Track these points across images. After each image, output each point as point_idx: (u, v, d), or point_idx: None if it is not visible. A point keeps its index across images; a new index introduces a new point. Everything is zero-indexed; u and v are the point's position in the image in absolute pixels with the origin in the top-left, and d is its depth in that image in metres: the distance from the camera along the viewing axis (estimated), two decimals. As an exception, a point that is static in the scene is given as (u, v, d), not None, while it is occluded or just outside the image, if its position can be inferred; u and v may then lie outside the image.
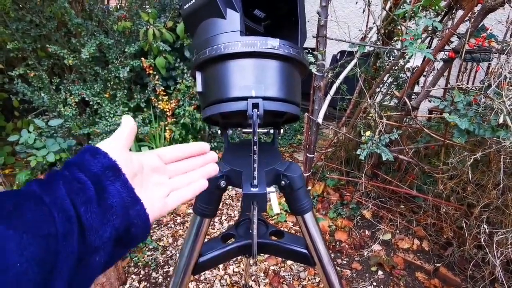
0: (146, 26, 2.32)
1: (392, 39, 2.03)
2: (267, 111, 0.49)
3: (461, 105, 1.17)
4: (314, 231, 0.62)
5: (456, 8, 1.51)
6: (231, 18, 0.51)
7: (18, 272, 0.20)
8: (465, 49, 1.21)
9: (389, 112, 1.80)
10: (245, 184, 0.52)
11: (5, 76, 2.38)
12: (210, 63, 0.53)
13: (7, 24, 2.06)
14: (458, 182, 1.40)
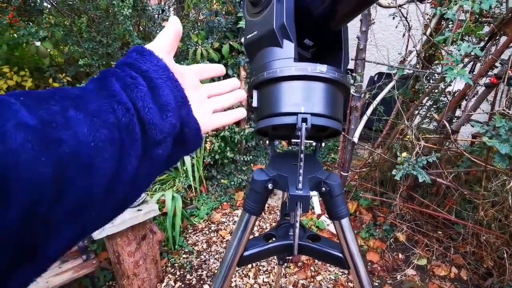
0: (195, 46, 2.54)
1: (432, 63, 2.04)
2: (313, 125, 0.58)
3: (503, 130, 1.17)
4: (350, 236, 0.68)
5: (499, 34, 1.51)
6: (287, 47, 0.62)
7: (92, 151, 0.22)
8: (507, 75, 1.22)
9: (427, 135, 1.79)
10: (291, 187, 0.61)
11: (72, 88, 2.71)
12: (266, 83, 0.63)
13: (80, 44, 2.38)
14: (500, 209, 1.36)
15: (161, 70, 0.29)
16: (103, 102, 0.24)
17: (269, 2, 0.63)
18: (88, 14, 2.47)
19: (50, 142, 0.19)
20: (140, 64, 0.28)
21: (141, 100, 0.26)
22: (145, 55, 0.29)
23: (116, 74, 0.27)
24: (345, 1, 0.60)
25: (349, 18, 0.69)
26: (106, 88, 0.25)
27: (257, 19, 0.65)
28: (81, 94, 0.24)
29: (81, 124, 0.22)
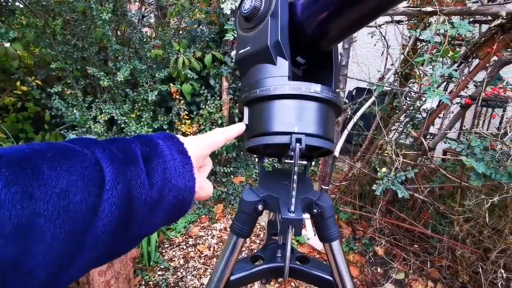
0: (177, 54, 2.49)
1: (408, 81, 2.13)
2: (306, 146, 0.56)
3: (478, 150, 1.22)
4: (340, 259, 0.66)
5: (472, 57, 1.60)
6: (281, 65, 0.60)
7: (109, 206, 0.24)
8: (481, 97, 1.28)
9: (405, 151, 1.85)
10: (283, 209, 0.58)
11: (43, 92, 2.56)
12: (259, 101, 0.61)
13: (53, 46, 2.26)
14: (474, 225, 1.41)
15: (183, 191, 0.31)
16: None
17: (263, 18, 0.61)
18: (64, 16, 2.36)
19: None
20: (172, 177, 0.30)
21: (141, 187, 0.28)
22: (185, 169, 0.31)
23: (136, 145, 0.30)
24: (338, 22, 0.59)
25: (341, 38, 0.69)
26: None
27: (250, 34, 0.64)
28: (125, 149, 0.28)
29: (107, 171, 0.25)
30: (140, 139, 0.31)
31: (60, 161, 0.23)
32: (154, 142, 0.31)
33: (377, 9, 0.53)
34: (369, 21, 0.59)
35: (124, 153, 0.27)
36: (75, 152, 0.24)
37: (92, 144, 0.26)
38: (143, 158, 0.28)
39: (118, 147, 0.27)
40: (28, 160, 0.21)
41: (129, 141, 0.29)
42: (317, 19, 0.61)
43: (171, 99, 2.70)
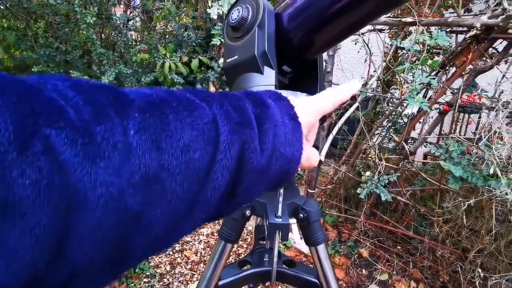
0: (163, 59, 2.48)
1: (390, 87, 2.20)
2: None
3: (455, 154, 1.28)
4: (326, 262, 0.68)
5: (449, 65, 1.68)
6: (268, 74, 0.62)
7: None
8: (458, 104, 1.34)
9: (388, 155, 1.90)
10: (270, 214, 0.60)
11: (23, 95, 2.49)
12: (246, 109, 0.63)
13: (35, 49, 2.21)
14: (453, 226, 1.47)
15: (289, 161, 0.28)
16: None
17: (251, 28, 0.63)
18: (46, 18, 2.32)
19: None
20: (281, 144, 0.27)
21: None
22: (295, 137, 0.28)
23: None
24: (323, 33, 0.62)
25: (326, 48, 0.71)
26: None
27: (238, 43, 0.65)
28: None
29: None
30: (250, 97, 0.28)
31: (184, 113, 0.22)
32: (265, 102, 0.28)
33: (361, 20, 0.56)
34: (354, 31, 0.62)
35: (239, 113, 0.25)
36: (196, 105, 0.23)
37: (209, 98, 0.25)
38: (256, 120, 0.26)
39: (233, 104, 0.26)
40: (157, 107, 0.21)
41: (241, 99, 0.27)
42: (303, 30, 0.63)
43: (157, 104, 2.68)
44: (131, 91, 0.21)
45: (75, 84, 0.18)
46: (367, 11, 0.51)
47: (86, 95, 0.18)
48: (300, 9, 0.63)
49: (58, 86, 0.17)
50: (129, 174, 0.18)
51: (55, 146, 0.15)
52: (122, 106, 0.19)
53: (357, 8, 0.51)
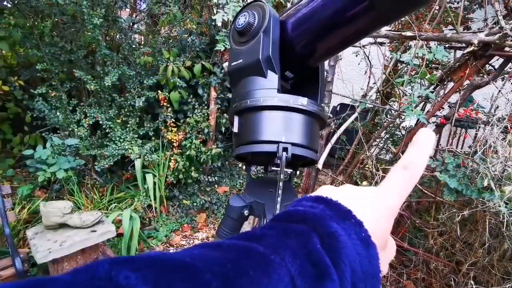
0: (166, 62, 2.51)
1: (389, 99, 2.23)
2: (292, 155, 0.60)
3: (451, 166, 1.30)
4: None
5: (447, 80, 1.71)
6: (271, 78, 0.64)
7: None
8: (455, 117, 1.37)
9: (385, 165, 1.92)
10: (268, 215, 0.61)
11: (25, 93, 2.51)
12: (249, 111, 0.64)
13: (40, 47, 2.23)
14: (448, 239, 1.48)
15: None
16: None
17: (256, 33, 0.65)
18: (53, 18, 2.35)
19: None
20: (359, 279, 0.23)
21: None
22: (371, 264, 0.23)
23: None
24: (325, 42, 0.64)
25: (328, 56, 0.74)
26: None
27: (243, 48, 0.67)
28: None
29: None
30: (316, 227, 0.24)
31: (262, 279, 0.20)
32: (332, 231, 0.24)
33: (361, 32, 0.58)
34: (354, 41, 0.64)
35: (313, 262, 0.22)
36: (271, 262, 0.21)
37: (279, 246, 0.22)
38: (332, 262, 0.23)
39: (304, 250, 0.23)
40: (235, 284, 0.19)
41: (309, 235, 0.23)
42: (305, 38, 0.66)
43: (158, 106, 2.70)
44: (201, 259, 0.20)
45: (149, 274, 0.17)
46: (366, 23, 0.53)
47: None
48: (303, 18, 0.65)
49: (131, 279, 0.17)
50: None
51: None
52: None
53: (356, 20, 0.53)
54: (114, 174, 2.77)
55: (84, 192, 2.40)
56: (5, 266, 1.53)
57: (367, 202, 0.27)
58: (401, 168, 0.27)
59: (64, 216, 1.50)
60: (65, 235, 1.44)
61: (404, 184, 0.27)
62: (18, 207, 2.03)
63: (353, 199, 0.27)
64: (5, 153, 2.88)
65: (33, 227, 1.60)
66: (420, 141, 0.28)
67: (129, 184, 2.72)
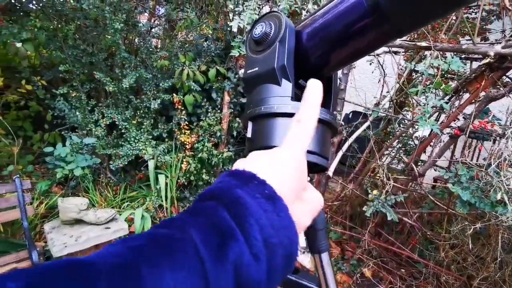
0: (182, 66, 2.57)
1: (402, 109, 2.22)
2: (304, 161, 0.62)
3: (464, 178, 1.28)
4: (328, 270, 0.70)
5: (463, 91, 1.70)
6: (285, 86, 0.66)
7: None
8: (469, 129, 1.36)
9: (396, 175, 1.91)
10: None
11: (47, 92, 2.61)
12: (262, 117, 0.67)
13: (63, 49, 2.33)
14: (459, 252, 1.46)
15: (287, 246, 0.25)
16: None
17: (272, 43, 0.68)
18: (76, 22, 2.45)
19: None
20: (271, 235, 0.24)
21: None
22: (281, 217, 0.25)
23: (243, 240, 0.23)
24: (340, 52, 0.66)
25: (342, 66, 0.76)
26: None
27: (259, 56, 0.70)
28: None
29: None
30: (222, 199, 0.25)
31: (159, 258, 0.20)
32: (236, 196, 0.25)
33: (375, 43, 0.60)
34: (368, 52, 0.66)
35: (218, 231, 0.23)
36: (174, 240, 0.22)
37: (185, 226, 0.23)
38: (237, 225, 0.24)
39: (210, 222, 0.24)
40: (127, 267, 0.20)
41: (215, 208, 0.25)
42: (320, 48, 0.68)
43: (172, 109, 2.76)
44: (99, 256, 0.20)
45: (28, 284, 0.17)
46: (380, 35, 0.55)
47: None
48: (318, 29, 0.67)
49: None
50: None
51: None
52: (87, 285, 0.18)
53: (370, 33, 0.55)
54: (127, 173, 2.84)
55: (99, 190, 2.46)
56: (22, 259, 1.59)
57: (271, 161, 0.28)
58: (295, 122, 0.31)
59: (80, 212, 1.55)
60: (80, 231, 1.49)
61: (300, 135, 0.31)
62: (36, 202, 2.11)
63: (259, 163, 0.28)
64: (25, 149, 2.99)
65: (51, 222, 1.66)
66: (306, 97, 0.32)
67: (141, 184, 2.78)
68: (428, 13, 0.49)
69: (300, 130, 0.31)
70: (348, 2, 0.60)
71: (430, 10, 0.49)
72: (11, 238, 1.94)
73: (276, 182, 0.26)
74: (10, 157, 2.59)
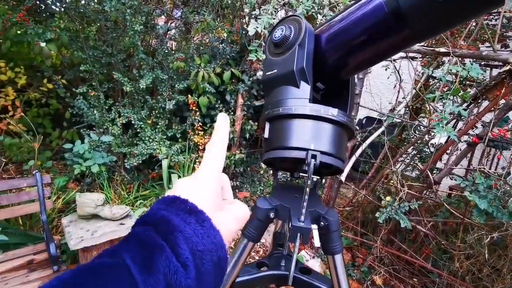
0: (197, 68, 2.61)
1: (418, 115, 2.19)
2: (320, 162, 0.62)
3: (482, 187, 1.26)
4: (341, 271, 0.70)
5: (482, 98, 1.66)
6: (303, 88, 0.67)
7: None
8: (488, 137, 1.33)
9: (410, 182, 1.88)
10: (293, 218, 0.64)
11: (67, 91, 2.69)
12: (280, 118, 0.68)
13: (84, 50, 2.40)
14: (475, 263, 1.42)
15: (214, 251, 0.27)
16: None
17: (292, 46, 0.69)
18: (97, 23, 2.53)
19: None
20: (197, 243, 0.26)
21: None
22: (204, 226, 0.27)
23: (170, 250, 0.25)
24: (358, 56, 0.67)
25: (360, 69, 0.76)
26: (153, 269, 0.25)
27: (278, 59, 0.71)
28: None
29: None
30: (148, 222, 0.28)
31: (92, 283, 0.22)
32: (160, 217, 0.28)
33: (393, 48, 0.60)
34: (386, 57, 0.66)
35: (145, 246, 0.25)
36: (108, 267, 0.24)
37: (119, 251, 0.25)
38: (164, 239, 0.26)
39: (138, 242, 0.26)
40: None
41: (145, 230, 0.27)
42: (338, 52, 0.69)
43: (187, 110, 2.80)
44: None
45: None
46: (399, 40, 0.55)
47: None
48: (336, 34, 0.68)
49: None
50: None
51: None
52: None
53: (389, 38, 0.55)
54: (141, 172, 2.89)
55: (113, 187, 2.52)
56: (39, 251, 1.64)
57: (192, 183, 0.32)
58: (209, 146, 0.35)
59: (96, 207, 1.59)
60: (96, 225, 1.53)
61: (214, 156, 0.34)
62: (54, 197, 2.17)
63: (181, 186, 0.32)
64: (44, 146, 3.09)
65: (68, 216, 1.71)
66: (217, 127, 0.36)
67: (154, 183, 2.83)
68: (449, 19, 0.50)
69: (214, 152, 0.35)
70: (369, 6, 0.60)
71: (449, 16, 0.49)
72: (29, 231, 2.01)
73: (197, 199, 0.30)
74: (30, 153, 2.68)
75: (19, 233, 1.90)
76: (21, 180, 1.69)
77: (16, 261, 1.51)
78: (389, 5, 0.54)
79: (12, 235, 1.82)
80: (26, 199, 1.70)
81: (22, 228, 2.00)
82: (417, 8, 0.51)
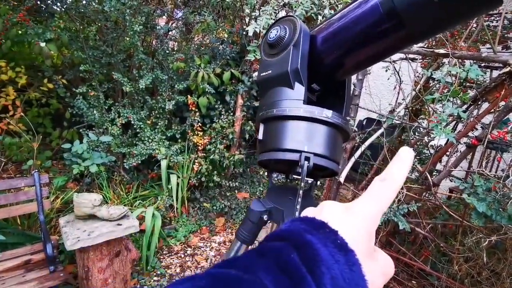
0: (197, 69, 2.61)
1: (418, 117, 2.18)
2: (314, 165, 0.62)
3: (480, 190, 1.25)
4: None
5: (482, 100, 1.65)
6: (298, 90, 0.67)
7: None
8: (487, 139, 1.32)
9: (409, 184, 1.87)
10: (287, 220, 0.63)
11: (67, 91, 2.70)
12: (274, 119, 0.67)
13: (84, 50, 2.41)
14: (474, 266, 1.41)
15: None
16: None
17: (286, 46, 0.68)
18: (98, 23, 2.53)
19: None
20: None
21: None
22: (353, 272, 0.23)
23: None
24: (354, 56, 0.66)
25: (356, 70, 0.75)
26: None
27: (273, 59, 0.71)
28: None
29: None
30: (290, 241, 0.25)
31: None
32: (307, 240, 0.24)
33: (390, 49, 0.60)
34: (383, 58, 0.66)
35: (288, 273, 0.22)
36: (243, 282, 0.21)
37: (252, 265, 0.23)
38: (308, 271, 0.22)
39: (278, 263, 0.23)
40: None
41: (284, 249, 0.24)
42: (335, 52, 0.68)
43: (186, 110, 2.80)
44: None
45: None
46: (396, 41, 0.54)
47: None
48: (333, 33, 0.68)
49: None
50: None
51: None
52: None
53: (386, 38, 0.54)
54: (140, 172, 2.89)
55: (112, 187, 2.52)
56: (37, 251, 1.64)
57: (344, 213, 0.27)
58: (379, 181, 0.28)
59: (94, 208, 1.59)
60: (93, 226, 1.53)
61: (381, 195, 0.27)
62: (52, 197, 2.18)
63: (331, 213, 0.27)
64: (44, 145, 3.10)
65: (65, 216, 1.71)
66: (402, 158, 0.28)
67: (153, 183, 2.83)
68: (444, 20, 0.49)
69: (383, 190, 0.28)
70: (364, 7, 0.60)
71: (446, 17, 0.48)
72: (27, 230, 2.01)
73: (349, 235, 0.25)
74: (29, 152, 2.69)
75: (17, 233, 1.90)
76: (19, 179, 1.69)
77: (13, 261, 1.51)
78: (384, 5, 0.53)
79: (10, 234, 1.83)
80: (24, 199, 1.70)
81: (20, 228, 2.00)
82: (413, 9, 0.51)
